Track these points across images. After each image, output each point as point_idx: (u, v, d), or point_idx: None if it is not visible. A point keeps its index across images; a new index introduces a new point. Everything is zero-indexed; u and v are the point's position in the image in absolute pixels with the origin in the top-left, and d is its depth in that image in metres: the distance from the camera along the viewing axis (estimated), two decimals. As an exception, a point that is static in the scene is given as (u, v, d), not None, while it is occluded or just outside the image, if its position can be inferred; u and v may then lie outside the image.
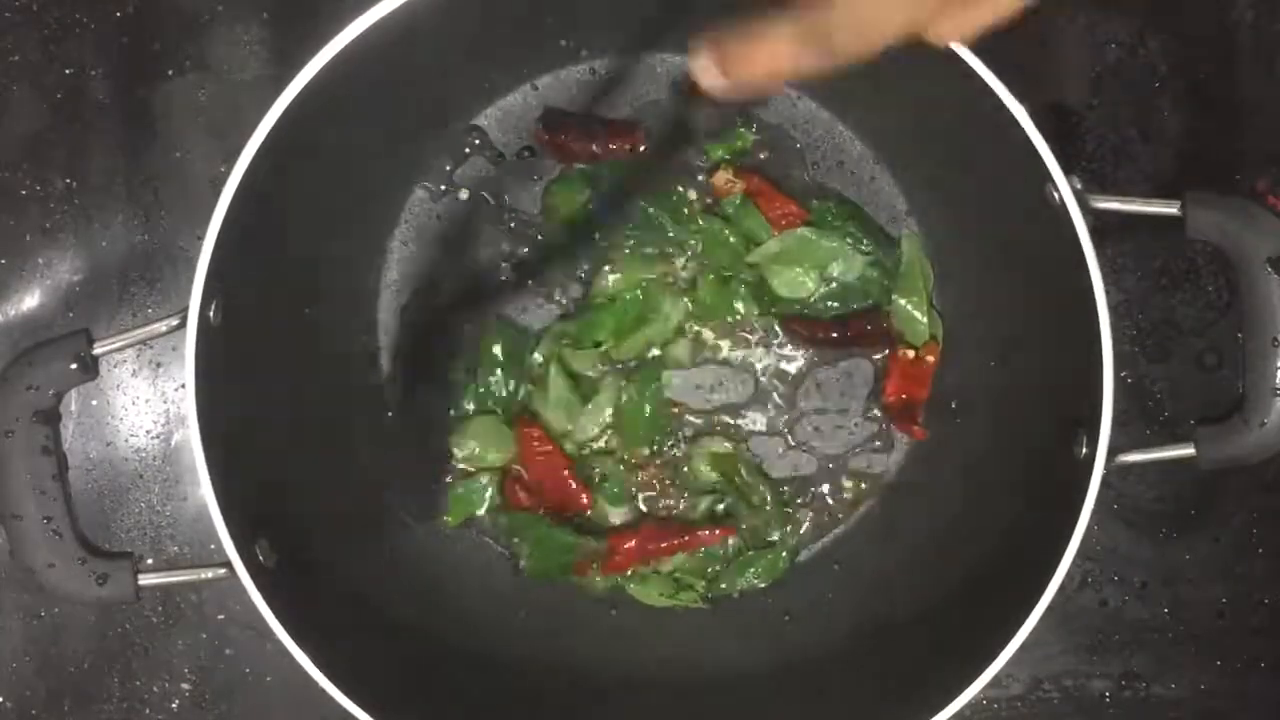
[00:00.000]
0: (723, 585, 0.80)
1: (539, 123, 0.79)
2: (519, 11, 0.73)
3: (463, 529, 0.80)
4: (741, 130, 0.79)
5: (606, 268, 0.79)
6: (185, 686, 0.82)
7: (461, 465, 0.80)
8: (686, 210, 0.79)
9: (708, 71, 0.52)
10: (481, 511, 0.80)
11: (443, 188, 0.80)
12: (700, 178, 0.80)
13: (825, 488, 0.81)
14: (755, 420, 0.81)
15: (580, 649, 0.79)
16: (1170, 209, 0.67)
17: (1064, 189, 0.64)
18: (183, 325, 0.65)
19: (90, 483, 0.81)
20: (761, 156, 0.80)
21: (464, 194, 0.80)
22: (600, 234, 0.79)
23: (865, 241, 0.79)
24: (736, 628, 0.80)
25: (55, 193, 0.81)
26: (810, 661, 0.77)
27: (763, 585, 0.80)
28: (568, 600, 0.80)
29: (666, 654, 0.79)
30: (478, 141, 0.80)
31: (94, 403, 0.81)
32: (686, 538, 0.79)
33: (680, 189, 0.79)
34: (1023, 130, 0.64)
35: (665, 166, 0.79)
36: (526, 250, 0.80)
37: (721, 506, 0.80)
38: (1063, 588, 0.65)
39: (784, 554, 0.80)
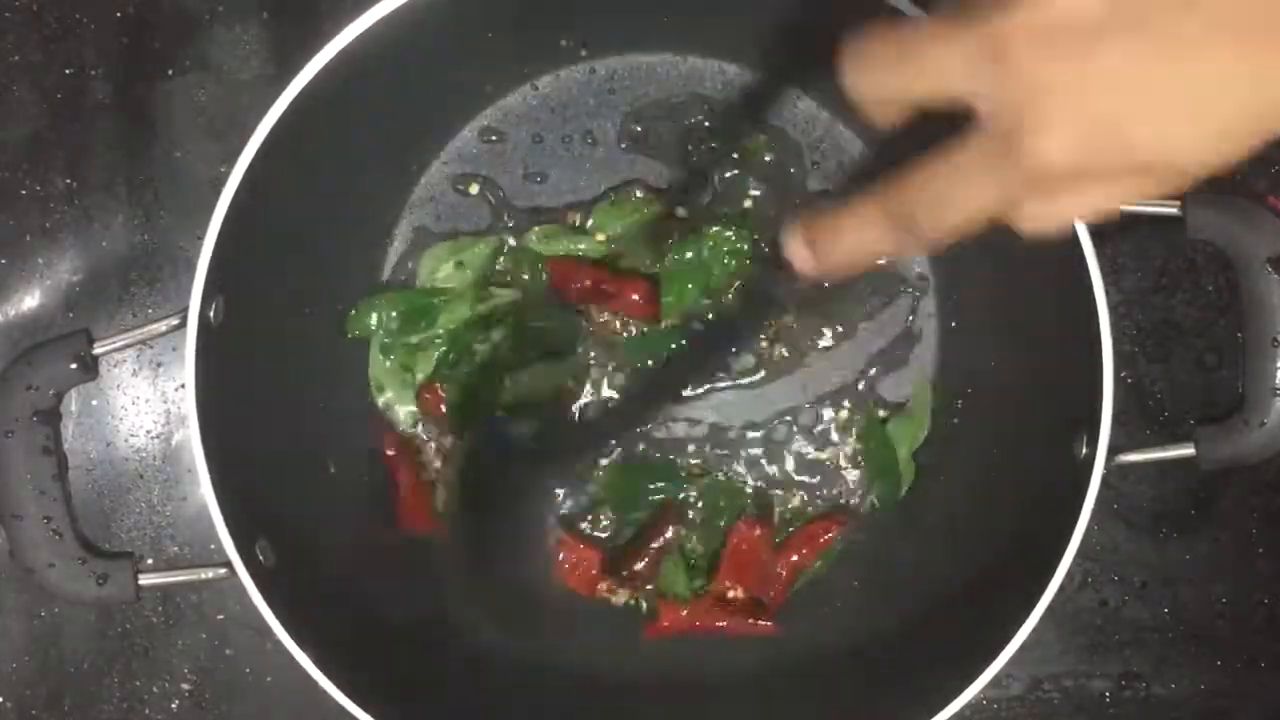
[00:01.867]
0: None
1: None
2: (519, 11, 0.73)
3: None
4: (759, 137, 0.79)
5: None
6: (185, 686, 0.82)
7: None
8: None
9: (799, 255, 0.51)
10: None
11: (443, 187, 0.80)
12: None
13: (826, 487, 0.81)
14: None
15: (580, 650, 0.79)
16: (1170, 209, 0.67)
17: (1064, 189, 0.64)
18: (183, 325, 0.65)
19: (90, 483, 0.81)
20: (766, 159, 0.80)
21: (473, 189, 0.80)
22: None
23: None
24: (736, 628, 0.80)
25: (55, 193, 0.81)
26: (810, 662, 0.77)
27: None
28: (568, 601, 0.80)
29: (666, 654, 0.79)
30: (478, 141, 0.80)
31: (94, 403, 0.81)
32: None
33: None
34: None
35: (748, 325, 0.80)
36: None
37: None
38: (1063, 588, 0.65)
39: None
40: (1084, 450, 0.66)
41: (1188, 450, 0.69)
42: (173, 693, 0.82)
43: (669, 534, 0.79)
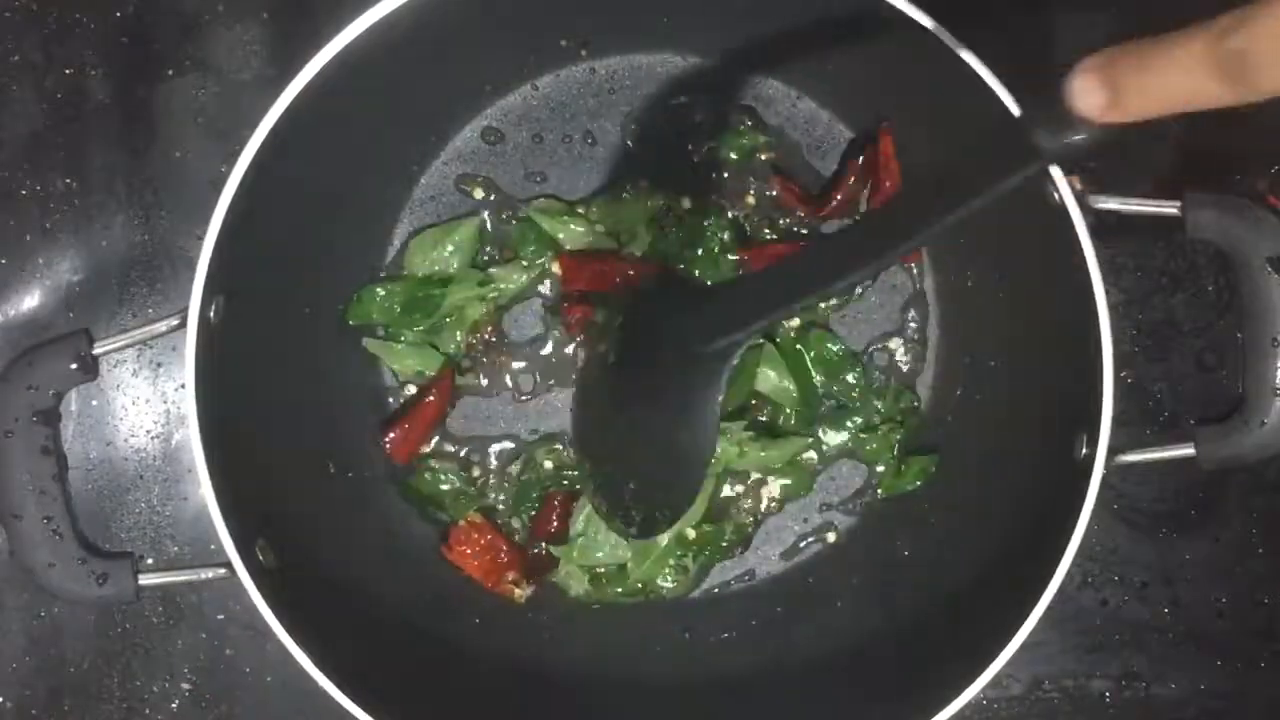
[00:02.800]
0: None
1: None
2: (519, 11, 0.73)
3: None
4: (753, 131, 0.79)
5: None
6: (185, 686, 0.82)
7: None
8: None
9: (1092, 93, 0.44)
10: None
11: (443, 187, 0.80)
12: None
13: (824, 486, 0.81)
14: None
15: (580, 649, 0.79)
16: (1170, 209, 0.67)
17: (1064, 189, 0.64)
18: (183, 325, 0.65)
19: (90, 483, 0.81)
20: (762, 158, 0.80)
21: (478, 194, 0.80)
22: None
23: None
24: (736, 627, 0.80)
25: (55, 193, 0.81)
26: (810, 661, 0.77)
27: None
28: (567, 601, 0.80)
29: (665, 654, 0.79)
30: (479, 141, 0.80)
31: (94, 403, 0.81)
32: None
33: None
34: (1023, 130, 0.63)
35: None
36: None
37: None
38: (1063, 588, 0.65)
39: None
40: (1084, 450, 0.66)
41: (1188, 450, 0.69)
42: (173, 693, 0.82)
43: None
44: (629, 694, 0.77)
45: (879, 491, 0.80)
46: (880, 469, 0.80)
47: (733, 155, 0.79)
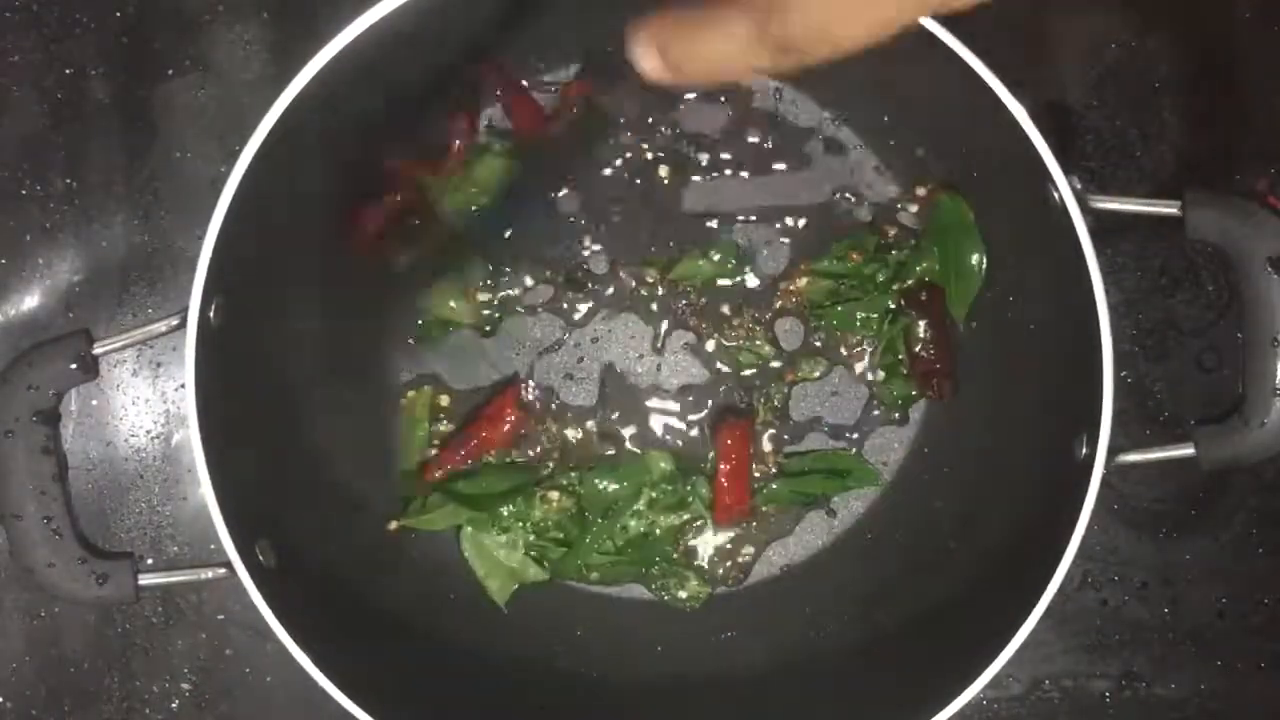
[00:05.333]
0: None
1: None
2: (518, 12, 0.73)
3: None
4: None
5: None
6: (185, 686, 0.82)
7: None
8: None
9: (647, 58, 0.46)
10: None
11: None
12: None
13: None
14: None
15: (580, 649, 0.79)
16: (1170, 209, 0.67)
17: (1064, 189, 0.64)
18: (183, 325, 0.65)
19: (90, 483, 0.81)
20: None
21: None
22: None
23: None
24: (736, 628, 0.80)
25: (55, 193, 0.81)
26: (810, 662, 0.77)
27: None
28: (568, 601, 0.80)
29: (665, 653, 0.79)
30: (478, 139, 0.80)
31: (94, 403, 0.81)
32: None
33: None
34: (1023, 130, 0.64)
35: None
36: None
37: None
38: (1063, 588, 0.65)
39: None
40: (1084, 450, 0.66)
41: (1188, 450, 0.69)
42: (173, 693, 0.82)
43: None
44: (629, 694, 0.77)
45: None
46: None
47: None
